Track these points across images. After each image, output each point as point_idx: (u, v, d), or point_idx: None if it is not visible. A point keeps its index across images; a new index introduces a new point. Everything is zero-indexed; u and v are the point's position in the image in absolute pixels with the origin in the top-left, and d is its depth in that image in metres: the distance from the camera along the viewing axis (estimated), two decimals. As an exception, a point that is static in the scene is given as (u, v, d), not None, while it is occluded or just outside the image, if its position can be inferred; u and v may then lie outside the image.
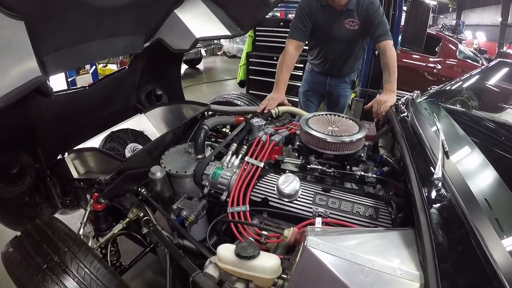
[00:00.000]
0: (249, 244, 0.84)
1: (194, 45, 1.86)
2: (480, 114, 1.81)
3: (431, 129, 1.33)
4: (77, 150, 1.60)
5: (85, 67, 4.26)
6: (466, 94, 2.20)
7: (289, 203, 1.11)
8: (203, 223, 1.46)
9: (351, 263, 0.69)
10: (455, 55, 5.26)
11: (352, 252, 0.71)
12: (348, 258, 0.70)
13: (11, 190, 1.51)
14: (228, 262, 0.85)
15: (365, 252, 0.73)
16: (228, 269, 0.87)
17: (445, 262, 0.70)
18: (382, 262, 0.71)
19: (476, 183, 1.03)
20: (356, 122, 1.38)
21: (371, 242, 0.81)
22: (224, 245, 0.90)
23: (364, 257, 0.71)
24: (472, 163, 1.25)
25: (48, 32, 1.26)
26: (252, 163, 1.22)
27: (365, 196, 1.17)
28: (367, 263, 0.70)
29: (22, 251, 1.12)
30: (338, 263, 0.68)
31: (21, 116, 1.46)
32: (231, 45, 8.00)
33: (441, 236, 0.77)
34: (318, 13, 1.90)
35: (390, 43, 1.85)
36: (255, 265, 0.82)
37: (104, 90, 1.87)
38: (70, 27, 1.37)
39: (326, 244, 0.71)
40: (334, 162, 1.30)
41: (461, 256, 0.75)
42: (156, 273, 1.83)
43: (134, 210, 1.36)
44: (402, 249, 0.79)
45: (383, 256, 0.74)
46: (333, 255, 0.69)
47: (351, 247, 0.73)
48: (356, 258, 0.70)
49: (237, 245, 0.84)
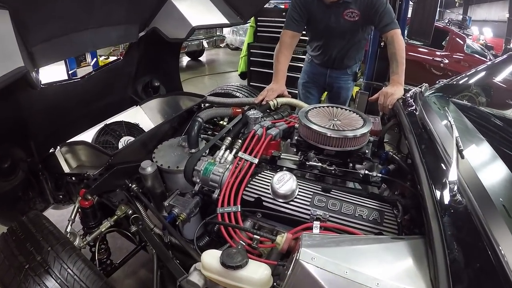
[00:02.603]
0: (237, 252, 0.72)
1: (191, 34, 1.72)
2: (490, 110, 1.65)
3: (442, 125, 1.18)
4: (68, 144, 1.50)
5: (86, 59, 4.16)
6: (475, 90, 2.03)
7: (285, 204, 0.97)
8: (196, 221, 1.35)
9: (350, 282, 0.56)
10: (462, 49, 4.98)
11: (352, 269, 0.58)
12: (347, 276, 0.57)
13: (3, 184, 1.42)
14: (213, 271, 0.73)
15: (367, 268, 0.60)
16: (213, 278, 0.74)
17: (460, 282, 0.57)
18: (387, 282, 0.58)
19: (493, 187, 0.88)
20: (361, 115, 1.23)
21: (375, 254, 0.67)
22: (209, 251, 0.78)
23: (366, 275, 0.58)
24: (487, 164, 1.09)
25: (36, 22, 1.16)
26: (246, 159, 1.08)
27: (369, 197, 1.03)
28: (369, 282, 0.57)
29: (5, 249, 1.05)
30: (335, 282, 0.56)
31: (11, 108, 1.36)
32: (234, 37, 7.76)
33: (456, 250, 0.64)
34: (314, 4, 1.76)
35: (398, 32, 1.69)
36: (242, 276, 0.69)
37: (98, 81, 1.76)
38: (59, 16, 1.27)
39: (322, 258, 0.58)
40: (335, 159, 1.15)
41: (479, 275, 0.61)
42: (150, 271, 1.73)
43: (123, 207, 1.27)
44: (411, 264, 0.65)
45: (388, 273, 0.60)
46: (330, 271, 0.56)
47: (351, 262, 0.60)
48: (356, 276, 0.57)
49: (223, 252, 0.72)
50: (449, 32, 5.18)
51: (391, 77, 1.65)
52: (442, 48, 5.04)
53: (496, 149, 1.06)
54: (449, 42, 5.01)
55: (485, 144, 1.13)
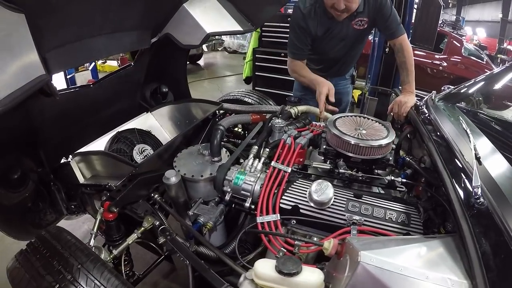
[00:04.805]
0: (289, 259, 0.83)
1: (205, 40, 1.82)
2: (493, 115, 1.85)
3: (457, 132, 1.35)
4: (83, 153, 1.55)
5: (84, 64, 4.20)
6: (477, 98, 2.21)
7: (321, 211, 1.10)
8: (220, 229, 1.44)
9: (405, 277, 0.69)
10: (460, 52, 5.34)
11: (405, 266, 0.71)
12: (402, 272, 0.69)
13: (13, 196, 1.44)
14: (268, 279, 0.83)
15: (415, 264, 0.73)
16: (267, 286, 0.84)
17: (491, 269, 0.72)
18: (434, 274, 0.71)
19: (506, 189, 1.05)
20: (383, 124, 1.38)
21: (416, 253, 0.80)
22: (262, 260, 0.88)
23: (417, 270, 0.71)
24: (499, 169, 1.27)
25: (50, 27, 1.19)
26: (279, 168, 1.20)
27: (394, 200, 1.17)
28: (420, 276, 0.70)
29: (30, 268, 1.05)
30: (393, 279, 0.68)
31: (21, 117, 1.39)
32: (231, 41, 7.97)
33: (484, 244, 0.78)
34: (321, 26, 1.77)
35: (406, 39, 1.82)
36: (298, 282, 0.80)
37: (109, 88, 1.82)
38: (74, 21, 1.30)
39: (379, 258, 0.70)
40: (361, 166, 1.29)
41: (505, 263, 0.76)
42: (170, 281, 1.80)
43: (149, 219, 1.32)
44: (447, 258, 0.79)
45: (432, 267, 0.74)
46: (388, 270, 0.69)
47: (400, 260, 0.73)
48: (410, 272, 0.70)
49: (278, 261, 0.82)
50: (446, 35, 5.53)
51: (402, 86, 1.80)
52: (439, 51, 5.38)
53: (500, 150, 1.24)
54: (447, 45, 5.35)
55: (492, 148, 1.31)
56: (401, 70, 1.84)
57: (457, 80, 4.83)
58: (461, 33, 11.33)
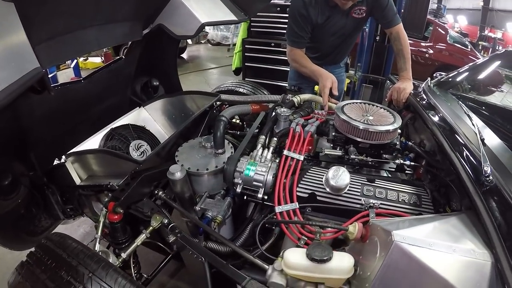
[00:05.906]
0: (319, 246, 0.86)
1: (200, 31, 1.80)
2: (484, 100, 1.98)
3: (458, 115, 1.43)
4: (78, 153, 1.50)
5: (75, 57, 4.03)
6: (466, 85, 2.34)
7: (338, 196, 1.14)
8: (228, 222, 1.45)
9: (436, 251, 0.74)
10: (446, 39, 5.57)
11: (433, 241, 0.76)
12: (432, 247, 0.74)
13: (4, 204, 1.37)
14: (299, 268, 0.86)
15: (440, 239, 0.79)
16: (298, 275, 0.87)
17: (509, 240, 0.78)
18: (460, 246, 0.77)
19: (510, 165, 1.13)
20: (389, 110, 1.44)
21: (438, 229, 0.86)
22: (291, 250, 0.90)
23: (445, 244, 0.76)
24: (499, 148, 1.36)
25: (40, 18, 1.14)
26: (292, 157, 1.23)
27: (403, 183, 1.23)
28: (448, 249, 0.75)
29: (36, 282, 1.00)
30: (426, 254, 0.73)
31: (8, 118, 1.32)
32: (215, 32, 7.94)
33: (498, 217, 0.86)
34: (321, 14, 1.81)
35: (402, 27, 1.90)
36: (331, 267, 0.83)
37: (99, 83, 1.78)
38: (64, 12, 1.25)
39: (411, 236, 0.75)
40: (370, 151, 1.35)
41: None
42: (177, 279, 1.79)
43: (157, 217, 1.31)
44: (466, 233, 0.86)
45: (456, 241, 0.80)
46: (420, 246, 0.74)
47: (428, 237, 0.78)
48: (439, 247, 0.75)
49: (309, 249, 0.85)
50: (431, 23, 5.75)
51: (400, 73, 1.89)
52: (425, 39, 5.59)
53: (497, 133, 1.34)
54: (433, 33, 5.57)
55: (488, 130, 1.40)
56: (398, 57, 1.92)
57: (442, 67, 5.04)
58: (442, 21, 11.78)
